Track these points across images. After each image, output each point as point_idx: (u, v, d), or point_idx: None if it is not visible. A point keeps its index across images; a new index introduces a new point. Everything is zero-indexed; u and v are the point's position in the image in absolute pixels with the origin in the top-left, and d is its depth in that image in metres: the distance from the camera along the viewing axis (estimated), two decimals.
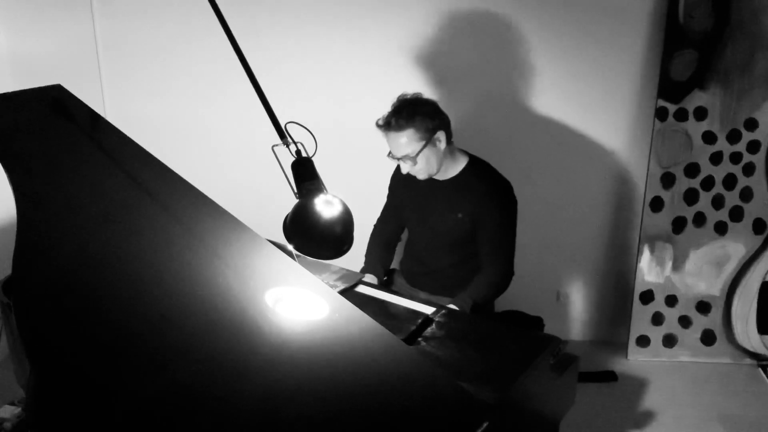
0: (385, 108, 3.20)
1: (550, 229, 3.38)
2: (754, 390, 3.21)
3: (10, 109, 2.10)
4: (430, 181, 2.49)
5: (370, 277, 2.58)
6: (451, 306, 2.34)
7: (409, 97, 2.38)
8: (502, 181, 2.49)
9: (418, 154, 2.34)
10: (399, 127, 2.32)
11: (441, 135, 2.36)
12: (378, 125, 2.38)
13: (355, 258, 2.46)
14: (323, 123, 2.18)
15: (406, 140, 2.32)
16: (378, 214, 2.77)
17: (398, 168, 2.64)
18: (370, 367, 1.73)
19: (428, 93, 2.60)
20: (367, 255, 2.71)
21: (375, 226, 2.76)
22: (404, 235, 2.79)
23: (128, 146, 2.10)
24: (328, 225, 1.86)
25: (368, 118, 3.25)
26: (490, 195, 2.44)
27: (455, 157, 2.47)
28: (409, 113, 2.32)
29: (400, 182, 2.61)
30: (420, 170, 2.40)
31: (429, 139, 2.34)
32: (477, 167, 2.49)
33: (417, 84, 3.12)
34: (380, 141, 3.19)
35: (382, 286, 2.56)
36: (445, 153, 2.41)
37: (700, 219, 3.22)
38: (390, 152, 2.41)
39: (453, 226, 2.48)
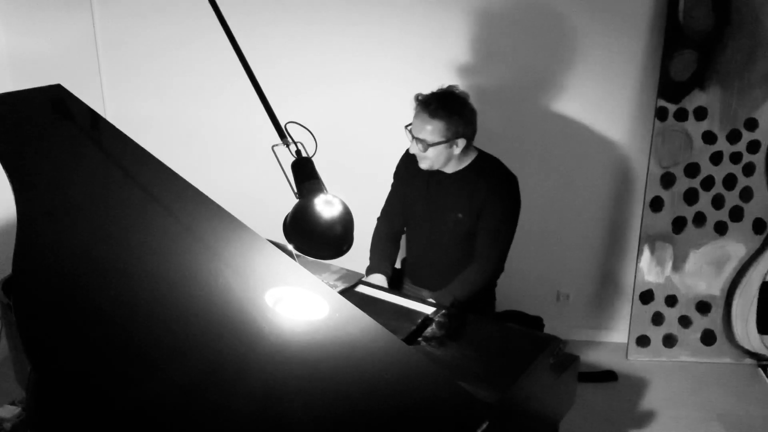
0: (385, 107, 3.22)
1: (550, 229, 3.38)
2: (754, 390, 3.21)
3: (10, 109, 2.10)
4: (438, 174, 2.50)
5: (379, 278, 2.56)
6: (431, 300, 2.34)
7: (458, 92, 2.42)
8: (510, 176, 2.51)
9: (431, 146, 2.36)
10: (433, 115, 2.35)
11: (461, 142, 2.40)
12: (417, 99, 2.40)
13: (355, 258, 2.46)
14: (323, 123, 2.18)
15: (431, 128, 2.35)
16: (378, 213, 2.77)
17: (404, 160, 2.64)
18: (371, 367, 1.73)
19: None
20: (372, 252, 2.68)
21: (378, 220, 2.74)
22: (404, 235, 2.78)
23: (128, 146, 2.10)
24: (328, 225, 1.86)
25: (369, 118, 3.27)
26: (497, 188, 2.46)
27: (464, 154, 2.48)
28: (451, 108, 2.36)
29: (407, 172, 2.61)
30: (424, 158, 2.42)
31: (450, 140, 2.37)
32: (486, 161, 2.52)
33: (418, 83, 3.12)
34: (380, 141, 3.19)
35: (391, 287, 2.55)
36: (457, 154, 2.44)
37: (700, 219, 3.22)
38: (410, 125, 2.43)
39: (460, 219, 2.49)
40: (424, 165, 2.45)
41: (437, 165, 2.44)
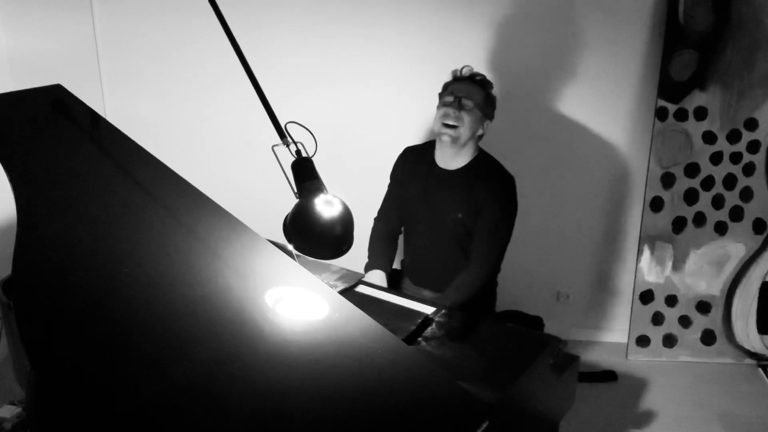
0: (385, 107, 3.22)
1: (550, 229, 3.38)
2: (754, 390, 3.21)
3: (10, 109, 2.10)
4: (437, 171, 2.52)
5: (378, 273, 2.56)
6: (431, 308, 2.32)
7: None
8: (507, 177, 2.53)
9: (474, 108, 2.45)
10: (479, 84, 2.51)
11: (487, 126, 2.52)
12: (459, 74, 2.53)
13: (355, 258, 2.46)
14: (323, 123, 2.18)
15: (477, 91, 2.48)
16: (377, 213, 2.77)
17: (402, 158, 2.64)
18: (370, 367, 1.73)
19: (429, 91, 2.61)
20: (371, 251, 2.68)
21: (375, 221, 2.74)
22: (402, 236, 2.78)
23: (128, 146, 2.10)
24: (328, 225, 1.86)
25: (368, 118, 3.27)
26: (494, 189, 2.48)
27: (470, 148, 2.51)
28: (491, 87, 2.56)
29: (405, 173, 2.61)
30: (462, 123, 2.44)
31: (485, 114, 2.50)
32: (485, 161, 2.54)
33: (418, 83, 3.12)
34: (380, 141, 3.19)
35: (390, 285, 2.55)
36: (473, 140, 2.50)
37: (700, 219, 3.22)
38: (448, 93, 2.49)
39: (459, 218, 2.49)
40: (452, 133, 2.44)
41: (463, 138, 2.46)
